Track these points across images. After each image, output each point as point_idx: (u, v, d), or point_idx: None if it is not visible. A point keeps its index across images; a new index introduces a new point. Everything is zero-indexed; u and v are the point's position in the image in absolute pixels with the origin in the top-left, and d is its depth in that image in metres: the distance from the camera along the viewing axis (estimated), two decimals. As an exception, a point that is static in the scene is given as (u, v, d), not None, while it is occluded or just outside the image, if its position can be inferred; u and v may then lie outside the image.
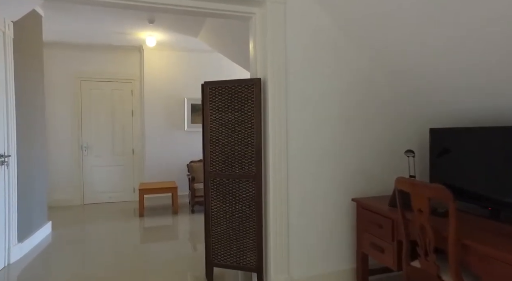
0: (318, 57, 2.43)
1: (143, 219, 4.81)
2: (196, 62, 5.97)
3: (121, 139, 5.85)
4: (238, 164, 2.47)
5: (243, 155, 2.46)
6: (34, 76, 3.92)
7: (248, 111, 2.44)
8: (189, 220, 4.89)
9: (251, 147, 2.44)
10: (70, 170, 5.64)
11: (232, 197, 2.50)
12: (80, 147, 5.68)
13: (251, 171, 2.44)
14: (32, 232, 3.74)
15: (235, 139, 2.48)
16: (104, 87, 5.81)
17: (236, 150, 2.48)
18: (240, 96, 2.46)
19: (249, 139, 2.44)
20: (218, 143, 2.53)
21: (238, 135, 2.48)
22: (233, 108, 2.48)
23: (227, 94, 2.50)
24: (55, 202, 5.57)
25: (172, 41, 5.46)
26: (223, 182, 2.52)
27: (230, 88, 2.49)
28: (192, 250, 3.59)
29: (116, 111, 5.83)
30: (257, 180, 2.42)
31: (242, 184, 2.47)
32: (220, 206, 2.54)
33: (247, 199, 2.46)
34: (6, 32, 3.27)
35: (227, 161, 2.50)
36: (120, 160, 5.89)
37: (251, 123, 2.44)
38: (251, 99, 2.43)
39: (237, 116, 2.47)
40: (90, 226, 4.54)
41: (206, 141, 2.56)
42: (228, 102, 2.50)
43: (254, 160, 2.43)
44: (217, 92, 2.53)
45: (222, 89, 2.51)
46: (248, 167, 2.45)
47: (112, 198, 5.83)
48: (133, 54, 5.92)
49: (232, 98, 2.49)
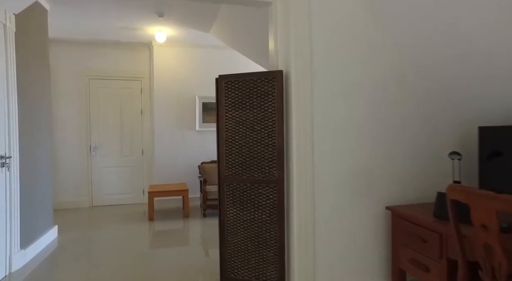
0: (346, 48, 2.14)
1: (153, 223, 4.59)
2: (208, 59, 5.74)
3: (130, 139, 5.65)
4: (257, 167, 2.21)
5: (262, 157, 2.19)
6: (38, 73, 3.73)
7: (269, 108, 2.18)
8: (200, 224, 4.65)
9: (272, 148, 2.17)
10: (78, 171, 5.46)
11: (250, 204, 2.24)
12: (88, 147, 5.50)
13: (272, 175, 2.17)
14: (36, 237, 3.55)
15: (254, 139, 2.21)
16: (112, 85, 5.62)
17: (255, 152, 2.21)
18: (259, 91, 2.20)
19: (269, 139, 2.18)
20: (234, 144, 2.27)
21: (257, 134, 2.21)
22: (252, 104, 2.22)
23: (244, 89, 2.24)
24: (63, 204, 5.41)
25: (183, 37, 5.23)
26: (241, 187, 2.26)
27: (248, 82, 2.23)
28: (204, 256, 3.37)
29: (125, 110, 5.63)
30: (278, 186, 2.15)
31: (262, 189, 2.20)
32: (237, 214, 2.28)
33: (268, 206, 2.19)
34: (7, 25, 3.07)
35: (244, 163, 2.24)
36: (129, 161, 5.70)
37: (271, 121, 2.17)
38: (271, 94, 2.17)
39: (256, 113, 2.21)
40: (98, 230, 4.34)
41: (221, 141, 2.30)
42: (245, 97, 2.23)
43: (275, 162, 2.16)
44: (233, 87, 2.27)
45: (239, 84, 2.25)
46: (269, 170, 2.18)
47: (121, 200, 5.64)
48: (142, 51, 5.72)
49: (251, 93, 2.22)
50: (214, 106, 5.76)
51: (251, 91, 2.22)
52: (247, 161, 2.23)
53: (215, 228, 4.43)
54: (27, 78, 3.44)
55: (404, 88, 2.24)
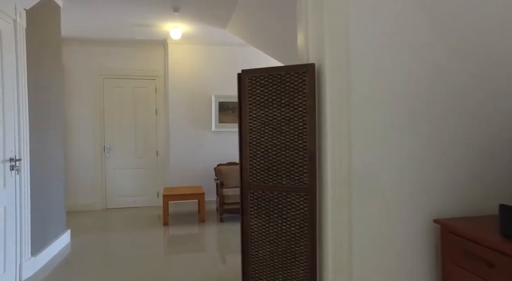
0: (394, 35, 1.87)
1: (168, 228, 4.42)
2: (224, 57, 5.53)
3: (144, 140, 5.50)
4: (286, 174, 1.96)
5: (292, 162, 1.94)
6: (50, 71, 3.58)
7: (299, 106, 1.92)
8: (217, 230, 4.45)
9: (303, 152, 1.91)
10: (92, 173, 5.34)
11: (277, 215, 1.99)
12: (102, 148, 5.36)
13: (302, 183, 1.92)
14: (48, 243, 3.40)
15: (282, 142, 1.96)
16: (127, 84, 5.47)
17: (283, 156, 1.96)
18: (288, 87, 1.95)
19: (299, 141, 1.92)
20: (259, 147, 2.02)
21: (285, 136, 1.96)
22: (279, 102, 1.97)
23: (271, 85, 1.99)
24: (76, 206, 5.29)
25: (198, 34, 5.03)
26: (266, 196, 2.01)
27: (275, 77, 1.98)
28: (221, 263, 3.20)
29: (139, 110, 5.48)
30: (310, 194, 1.90)
31: (291, 198, 1.95)
32: (262, 226, 2.03)
33: (297, 217, 1.94)
34: (18, 20, 2.92)
35: (271, 169, 1.99)
36: (143, 163, 5.54)
37: (302, 122, 1.91)
38: (302, 91, 1.91)
39: (285, 112, 1.96)
40: (112, 235, 4.21)
41: (244, 144, 2.06)
42: (272, 95, 1.99)
43: (306, 168, 1.90)
44: (258, 83, 2.02)
45: (265, 79, 2.00)
46: (299, 177, 1.92)
47: (135, 203, 5.49)
48: (157, 49, 5.56)
49: (278, 90, 1.97)
50: (231, 106, 5.55)
51: (279, 87, 1.97)
52: (274, 166, 1.98)
53: (232, 234, 4.23)
54: (38, 76, 3.28)
55: (455, 87, 1.94)
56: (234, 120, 5.52)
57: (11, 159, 2.80)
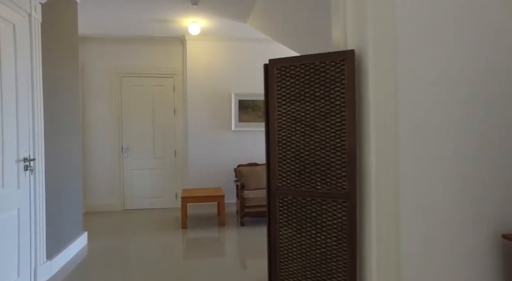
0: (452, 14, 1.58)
1: (186, 231, 4.25)
2: (244, 53, 5.32)
3: (162, 140, 5.36)
4: (321, 177, 1.71)
5: (328, 164, 1.69)
6: (67, 68, 3.46)
7: (336, 100, 1.67)
8: (238, 234, 4.24)
9: (341, 153, 1.66)
10: (109, 174, 5.24)
11: (311, 224, 1.74)
12: (120, 148, 5.26)
13: (340, 188, 1.66)
14: (64, 246, 3.27)
15: (316, 141, 1.72)
16: (144, 82, 5.35)
17: (318, 157, 1.71)
18: (323, 77, 1.70)
19: (337, 140, 1.67)
20: (290, 147, 1.78)
21: (320, 134, 1.71)
22: (313, 95, 1.72)
23: (303, 76, 1.75)
24: (94, 207, 5.20)
25: (218, 29, 4.84)
26: (298, 202, 1.77)
27: (308, 67, 1.73)
28: (241, 269, 3.00)
29: (157, 109, 5.35)
30: (349, 201, 1.64)
31: (327, 206, 1.70)
32: (293, 236, 1.79)
33: (334, 228, 1.68)
34: (33, 14, 2.79)
35: (303, 172, 1.75)
36: (161, 163, 5.40)
37: (340, 117, 1.66)
38: (339, 82, 1.66)
39: (319, 107, 1.71)
40: (130, 237, 4.08)
41: (272, 143, 1.82)
42: (305, 87, 1.74)
43: (345, 171, 1.65)
44: (288, 74, 1.78)
45: (296, 69, 1.76)
46: (336, 181, 1.67)
47: (153, 204, 5.36)
48: (175, 46, 5.41)
49: (311, 81, 1.73)
50: (252, 104, 5.33)
51: (312, 78, 1.72)
52: (307, 169, 1.74)
53: (254, 238, 4.01)
54: (54, 73, 3.16)
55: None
56: (255, 119, 5.30)
57: (25, 159, 2.67)
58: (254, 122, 5.30)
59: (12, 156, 2.51)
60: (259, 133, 5.33)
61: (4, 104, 2.40)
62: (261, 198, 4.41)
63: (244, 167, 4.94)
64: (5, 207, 2.43)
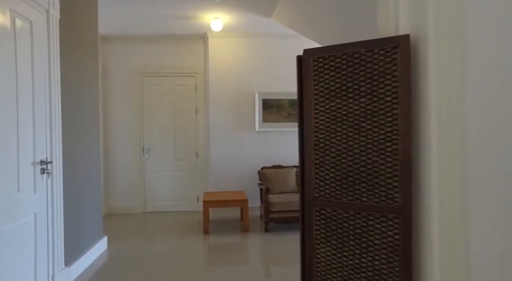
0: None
1: (208, 237, 4.07)
2: (268, 50, 5.09)
3: (183, 141, 5.22)
4: (367, 188, 1.44)
5: (376, 171, 1.42)
6: (87, 67, 3.35)
7: (386, 95, 1.40)
8: (262, 240, 4.02)
9: (392, 159, 1.39)
10: (130, 175, 5.15)
11: (354, 242, 1.48)
12: (141, 149, 5.15)
13: (391, 201, 1.39)
14: (83, 252, 3.15)
15: (361, 144, 1.45)
16: (166, 82, 5.23)
17: (363, 163, 1.45)
18: (370, 69, 1.43)
19: (387, 144, 1.40)
20: (329, 151, 1.53)
21: (366, 137, 1.45)
22: (357, 90, 1.46)
23: (345, 68, 1.49)
24: (115, 209, 5.13)
25: (240, 25, 4.64)
26: (339, 217, 1.51)
27: (351, 57, 1.47)
28: (265, 277, 2.94)
29: (178, 109, 5.21)
30: (403, 217, 1.37)
31: (375, 221, 1.43)
32: (333, 256, 1.53)
33: (384, 248, 1.42)
34: (51, 11, 2.67)
35: (345, 181, 1.49)
36: (183, 165, 5.26)
37: (391, 116, 1.39)
38: (390, 74, 1.39)
39: (365, 104, 1.44)
40: (151, 241, 3.97)
41: (308, 147, 1.58)
42: (347, 80, 1.48)
43: (397, 181, 1.38)
44: (327, 66, 1.53)
45: (337, 60, 1.50)
46: (386, 193, 1.40)
47: (175, 207, 5.22)
48: (197, 44, 5.26)
49: (355, 74, 1.46)
50: (276, 103, 5.10)
51: (356, 70, 1.46)
52: (350, 177, 1.48)
53: (279, 245, 3.79)
54: (73, 72, 3.05)
55: None
56: (279, 119, 5.06)
57: (42, 161, 2.55)
58: (279, 122, 5.07)
59: (28, 158, 2.39)
60: (284, 134, 5.09)
61: (20, 104, 2.28)
62: (286, 202, 4.16)
63: (268, 169, 4.71)
64: (21, 213, 2.31)
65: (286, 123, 5.08)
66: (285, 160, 5.02)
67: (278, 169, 4.75)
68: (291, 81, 5.17)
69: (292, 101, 5.13)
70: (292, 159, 4.99)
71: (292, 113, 5.12)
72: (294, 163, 4.95)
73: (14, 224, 2.23)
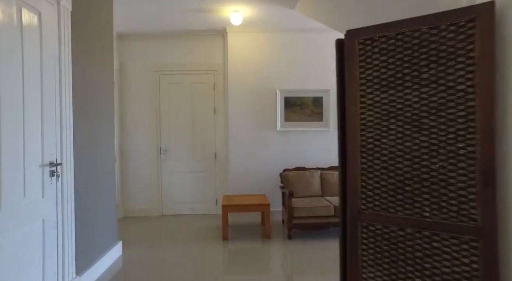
0: None
1: (227, 243, 3.83)
2: (291, 45, 4.81)
3: (202, 141, 5.00)
4: (431, 200, 1.14)
5: (443, 180, 1.12)
6: (100, 63, 3.17)
7: (457, 84, 1.10)
8: (285, 248, 3.75)
9: (466, 164, 1.08)
10: (148, 177, 4.98)
11: (414, 269, 1.18)
12: (159, 150, 4.98)
13: (466, 218, 1.09)
14: (96, 259, 2.97)
15: (423, 145, 1.16)
16: (184, 80, 5.03)
17: (426, 169, 1.15)
18: (434, 50, 1.13)
19: (459, 144, 1.10)
20: (380, 153, 1.24)
21: (429, 136, 1.15)
22: (418, 78, 1.17)
23: (401, 51, 1.19)
24: (132, 212, 4.97)
25: (261, 18, 4.38)
26: (393, 235, 1.21)
27: (409, 37, 1.18)
28: None
29: (197, 108, 5.00)
30: (484, 240, 1.06)
31: (442, 243, 1.13)
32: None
33: (456, 279, 1.11)
34: (62, 2, 2.50)
35: (401, 190, 1.19)
36: (201, 166, 5.05)
37: (464, 110, 1.09)
38: (464, 56, 1.08)
39: (428, 95, 1.15)
40: (168, 247, 3.79)
41: (351, 148, 1.29)
42: (403, 66, 1.19)
43: (474, 193, 1.07)
44: (377, 49, 1.24)
45: (390, 41, 1.21)
46: (459, 207, 1.10)
47: (193, 210, 5.02)
48: (215, 40, 5.04)
49: (414, 58, 1.17)
50: (299, 102, 4.80)
51: (416, 53, 1.16)
52: (408, 187, 1.18)
53: (303, 254, 3.50)
54: (85, 68, 2.86)
55: None
56: (302, 118, 4.76)
57: (51, 163, 2.37)
58: (302, 121, 4.77)
59: (35, 160, 2.20)
60: (307, 134, 4.79)
61: (27, 102, 2.10)
62: (311, 208, 3.86)
63: (291, 171, 4.42)
64: (28, 219, 2.13)
65: (309, 123, 4.78)
66: (308, 161, 4.72)
67: (301, 171, 4.45)
68: (315, 78, 4.87)
69: (315, 99, 4.82)
70: (315, 160, 4.68)
71: (315, 112, 4.82)
72: (318, 165, 4.65)
73: (20, 231, 2.05)
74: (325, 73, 4.84)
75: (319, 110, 4.81)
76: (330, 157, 4.76)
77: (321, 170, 4.51)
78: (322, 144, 4.82)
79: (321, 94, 4.82)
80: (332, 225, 3.83)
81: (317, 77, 4.97)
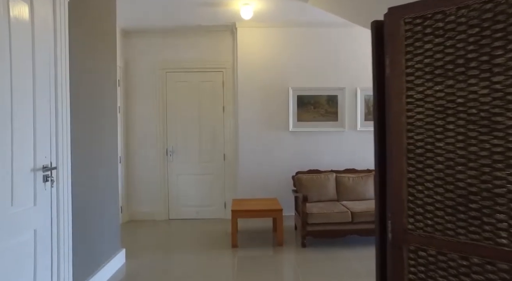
0: None
1: (237, 251, 3.60)
2: (304, 40, 4.58)
3: (210, 142, 4.79)
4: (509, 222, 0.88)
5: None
6: (102, 60, 2.96)
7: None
8: (298, 257, 3.51)
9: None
10: (154, 179, 4.79)
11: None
12: (165, 151, 4.77)
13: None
14: (96, 270, 2.76)
15: (495, 151, 0.90)
16: (191, 78, 4.83)
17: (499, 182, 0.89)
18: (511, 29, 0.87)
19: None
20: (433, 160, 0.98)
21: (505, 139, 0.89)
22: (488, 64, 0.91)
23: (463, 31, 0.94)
24: (137, 215, 4.78)
25: (273, 12, 4.15)
26: (452, 265, 0.96)
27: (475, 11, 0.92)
28: None
29: (205, 107, 4.79)
30: None
31: (522, 279, 0.87)
32: (440, 325, 0.98)
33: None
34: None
35: (463, 208, 0.94)
36: (209, 168, 4.83)
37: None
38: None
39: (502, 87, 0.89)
40: (174, 254, 3.60)
41: (393, 152, 1.04)
42: (466, 50, 0.94)
43: None
44: (429, 30, 0.99)
45: (448, 19, 0.96)
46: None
47: (200, 214, 4.80)
48: (224, 36, 4.83)
49: (484, 38, 0.91)
50: (312, 100, 4.55)
51: (486, 31, 0.91)
52: (473, 204, 0.93)
53: (319, 263, 3.27)
54: (85, 65, 2.65)
55: None
56: (316, 118, 4.50)
57: (45, 167, 2.16)
58: (316, 121, 4.52)
59: (26, 164, 1.99)
60: (321, 134, 4.55)
61: (15, 100, 1.88)
62: (327, 214, 3.60)
63: (304, 174, 4.17)
64: (16, 230, 1.91)
65: (324, 123, 4.53)
66: (322, 164, 4.47)
67: (315, 174, 4.19)
68: (329, 75, 4.63)
69: (330, 98, 4.57)
70: (330, 162, 4.43)
71: (330, 111, 4.57)
72: (332, 167, 4.40)
73: (7, 243, 1.83)
74: (340, 70, 4.58)
75: (334, 109, 4.54)
76: (345, 159, 4.51)
77: (336, 173, 4.24)
78: (337, 145, 4.56)
79: (336, 92, 4.55)
80: (349, 232, 3.57)
81: (332, 74, 4.70)
